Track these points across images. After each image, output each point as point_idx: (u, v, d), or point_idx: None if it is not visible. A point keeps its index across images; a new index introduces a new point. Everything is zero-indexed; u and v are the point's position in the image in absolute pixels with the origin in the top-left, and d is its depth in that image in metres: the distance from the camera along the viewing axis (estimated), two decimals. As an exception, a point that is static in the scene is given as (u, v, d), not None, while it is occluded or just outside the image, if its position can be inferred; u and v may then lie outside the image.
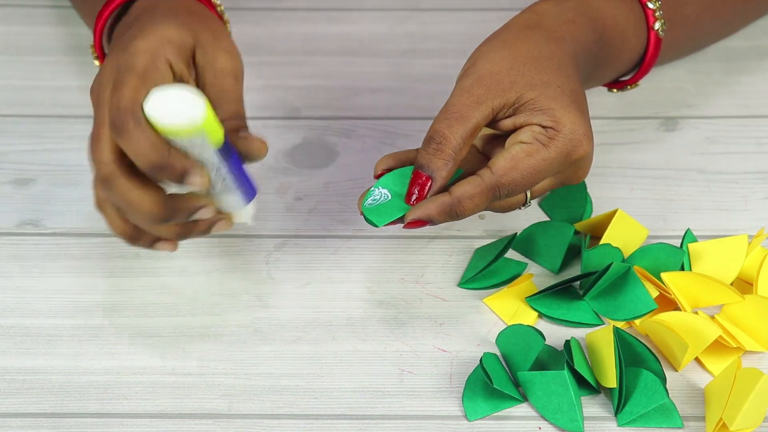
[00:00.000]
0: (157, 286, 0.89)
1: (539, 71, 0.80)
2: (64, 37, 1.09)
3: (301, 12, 1.11)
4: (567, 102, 0.80)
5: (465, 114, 0.79)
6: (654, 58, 0.90)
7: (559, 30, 0.83)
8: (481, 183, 0.79)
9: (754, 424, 0.79)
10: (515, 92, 0.79)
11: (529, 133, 0.79)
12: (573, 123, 0.79)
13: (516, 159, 0.79)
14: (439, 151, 0.79)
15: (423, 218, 0.79)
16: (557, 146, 0.79)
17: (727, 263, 0.87)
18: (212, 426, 0.81)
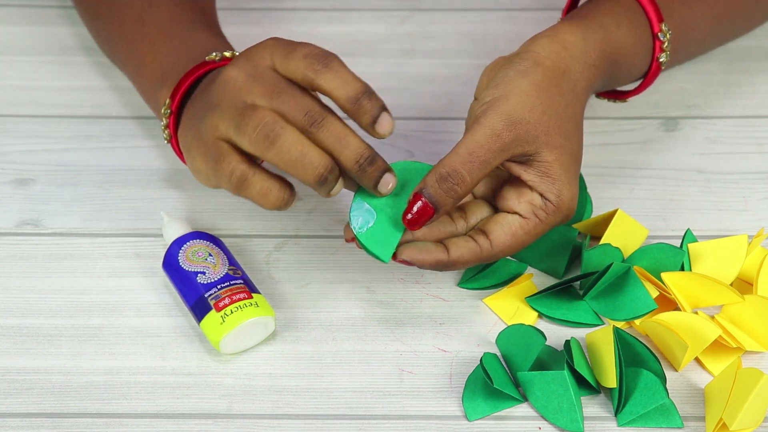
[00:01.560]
0: (157, 286, 0.89)
1: (561, 133, 0.82)
2: (65, 37, 1.09)
3: (301, 12, 1.11)
4: (572, 172, 0.82)
5: (489, 160, 0.80)
6: (650, 83, 0.92)
7: (581, 78, 0.84)
8: (479, 254, 0.81)
9: (754, 424, 0.79)
10: (535, 147, 0.81)
11: (529, 207, 0.82)
12: (571, 199, 0.82)
13: (515, 237, 0.81)
14: (453, 191, 0.79)
15: (415, 263, 0.81)
16: (553, 221, 0.82)
17: (727, 263, 0.87)
18: (212, 426, 0.81)
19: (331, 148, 0.78)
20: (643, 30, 0.89)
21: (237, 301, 0.83)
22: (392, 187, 0.80)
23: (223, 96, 0.79)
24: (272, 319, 0.84)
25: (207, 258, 0.86)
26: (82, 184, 0.96)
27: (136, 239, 0.92)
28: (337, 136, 0.78)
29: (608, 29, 0.87)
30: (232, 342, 0.83)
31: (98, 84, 1.05)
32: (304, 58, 0.78)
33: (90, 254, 0.91)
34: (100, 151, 0.99)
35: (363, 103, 0.78)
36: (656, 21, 0.89)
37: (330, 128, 0.78)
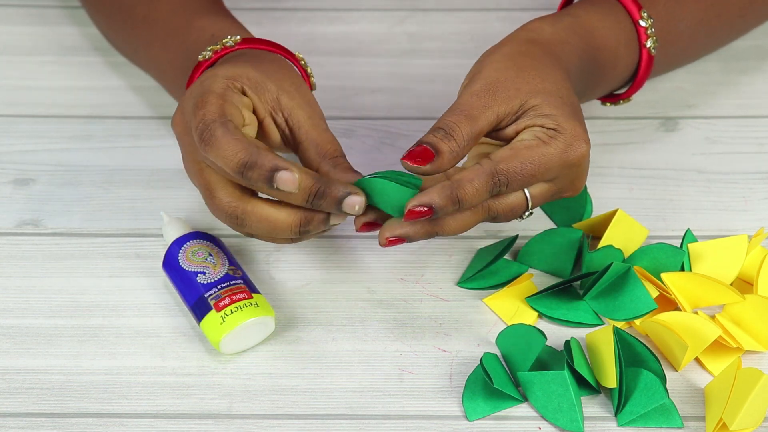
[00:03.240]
0: (157, 286, 0.89)
1: (543, 80, 0.81)
2: (65, 37, 1.09)
3: (301, 12, 1.11)
4: (568, 111, 0.81)
5: (474, 115, 0.79)
6: (646, 75, 0.91)
7: (555, 50, 0.85)
8: (480, 168, 0.78)
9: (754, 424, 0.79)
10: (519, 99, 0.80)
11: (530, 132, 0.80)
12: (573, 127, 0.80)
13: (515, 149, 0.79)
14: (446, 139, 0.78)
15: (426, 204, 0.77)
16: (557, 145, 0.80)
17: (727, 263, 0.87)
18: (212, 426, 0.81)
19: (279, 198, 0.78)
20: (622, 18, 0.89)
21: (237, 301, 0.83)
22: (359, 209, 0.78)
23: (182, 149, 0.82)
24: (272, 319, 0.84)
25: (207, 258, 0.86)
26: (82, 184, 0.96)
27: (136, 239, 0.92)
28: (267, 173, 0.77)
29: (577, 16, 0.87)
30: (232, 342, 0.83)
31: (98, 84, 1.05)
32: (194, 133, 0.78)
33: (90, 254, 0.91)
34: (100, 151, 0.99)
35: (249, 176, 0.77)
36: (635, 9, 0.89)
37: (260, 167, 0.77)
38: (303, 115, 0.83)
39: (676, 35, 0.92)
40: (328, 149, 0.82)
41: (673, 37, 0.91)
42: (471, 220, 0.80)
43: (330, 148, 0.82)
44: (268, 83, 0.82)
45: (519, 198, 0.81)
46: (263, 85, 0.82)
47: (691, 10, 0.92)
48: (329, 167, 0.81)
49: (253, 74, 0.82)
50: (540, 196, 0.82)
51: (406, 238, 0.79)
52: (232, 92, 0.80)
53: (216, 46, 0.86)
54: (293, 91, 0.83)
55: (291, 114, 0.83)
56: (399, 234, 0.79)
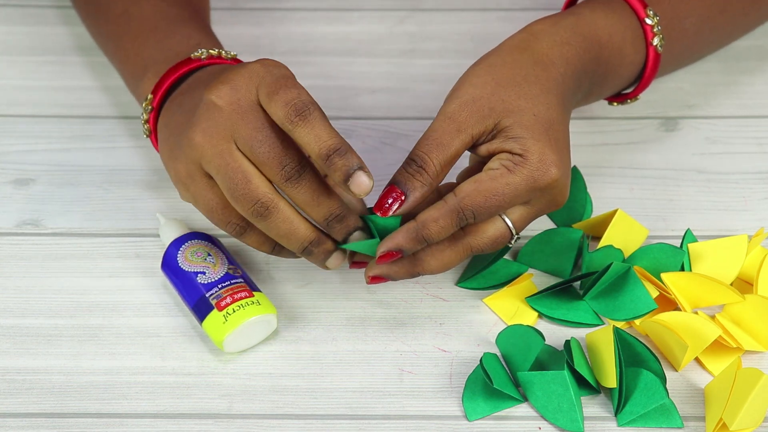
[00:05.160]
0: (157, 286, 0.89)
1: (518, 96, 0.81)
2: (65, 37, 1.09)
3: (300, 12, 1.11)
4: (539, 131, 0.80)
5: (445, 141, 0.79)
6: (653, 73, 0.90)
7: (550, 53, 0.84)
8: (444, 206, 0.79)
9: (754, 424, 0.79)
10: (493, 119, 0.80)
11: (497, 161, 0.80)
12: (541, 152, 0.80)
13: (479, 182, 0.79)
14: (418, 174, 0.79)
15: (392, 248, 0.79)
16: (522, 172, 0.79)
17: (727, 263, 0.87)
18: (212, 426, 0.81)
19: (302, 206, 0.79)
20: (627, 16, 0.88)
21: (239, 299, 0.83)
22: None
23: (207, 125, 0.79)
24: (274, 317, 0.84)
25: (206, 258, 0.86)
26: (82, 184, 0.96)
27: (136, 239, 0.92)
28: (309, 195, 0.79)
29: (581, 15, 0.87)
30: (235, 341, 0.83)
31: (98, 84, 1.05)
32: (284, 105, 0.77)
33: (90, 254, 0.91)
34: (100, 151, 0.99)
35: (334, 161, 0.77)
36: (640, 7, 0.88)
37: (303, 187, 0.78)
38: None
39: (681, 33, 0.91)
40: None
41: (679, 34, 0.91)
42: (452, 258, 0.82)
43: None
44: None
45: (498, 228, 0.82)
46: None
47: (696, 7, 0.92)
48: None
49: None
50: (521, 220, 0.82)
51: (388, 276, 0.81)
52: None
53: (213, 51, 0.86)
54: None
55: None
56: (380, 273, 0.81)
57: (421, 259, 0.81)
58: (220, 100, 0.79)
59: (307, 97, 0.78)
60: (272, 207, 0.79)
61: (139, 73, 0.90)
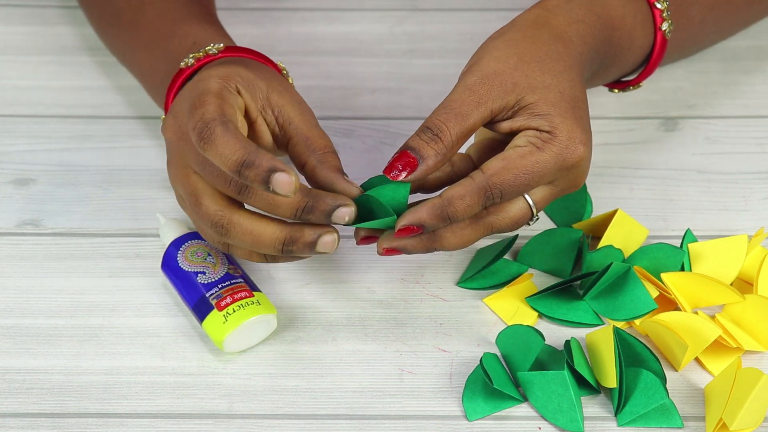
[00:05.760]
0: (157, 286, 0.89)
1: (543, 72, 0.79)
2: (65, 37, 1.09)
3: (300, 12, 1.11)
4: (566, 108, 0.79)
5: (464, 112, 0.78)
6: (659, 59, 0.89)
7: (567, 30, 0.83)
8: (471, 183, 0.77)
9: (754, 424, 0.79)
10: (516, 95, 0.79)
11: (524, 138, 0.79)
12: (570, 129, 0.78)
13: (508, 159, 0.78)
14: (433, 141, 0.77)
15: (414, 223, 0.77)
16: (551, 150, 0.78)
17: (727, 263, 0.87)
18: (212, 426, 0.81)
19: (267, 211, 0.78)
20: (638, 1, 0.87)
21: (239, 299, 0.83)
22: (349, 219, 0.77)
23: (168, 156, 0.82)
24: (274, 317, 0.84)
25: (206, 258, 0.86)
26: (82, 184, 0.96)
27: (136, 239, 0.92)
28: (265, 200, 0.77)
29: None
30: (235, 341, 0.83)
31: (98, 84, 1.05)
32: (192, 131, 0.77)
33: (90, 254, 0.91)
34: (100, 151, 0.99)
35: (246, 175, 0.75)
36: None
37: (257, 195, 0.77)
38: (293, 111, 0.82)
39: (687, 20, 0.90)
40: (318, 144, 0.81)
41: (685, 22, 0.90)
42: (472, 236, 0.80)
43: (320, 143, 0.81)
44: (259, 82, 0.82)
45: (521, 208, 0.80)
46: (254, 83, 0.82)
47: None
48: (316, 162, 0.80)
49: (245, 73, 0.82)
50: (543, 200, 0.81)
51: (403, 250, 0.79)
52: (228, 92, 0.80)
53: (198, 54, 0.85)
54: (282, 90, 0.83)
55: (282, 111, 0.82)
56: (396, 246, 0.79)
57: (440, 235, 0.79)
58: (167, 131, 0.82)
59: (210, 113, 0.77)
60: (226, 224, 0.79)
61: (158, 88, 0.90)
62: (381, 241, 0.79)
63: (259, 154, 0.75)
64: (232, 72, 0.81)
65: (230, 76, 0.81)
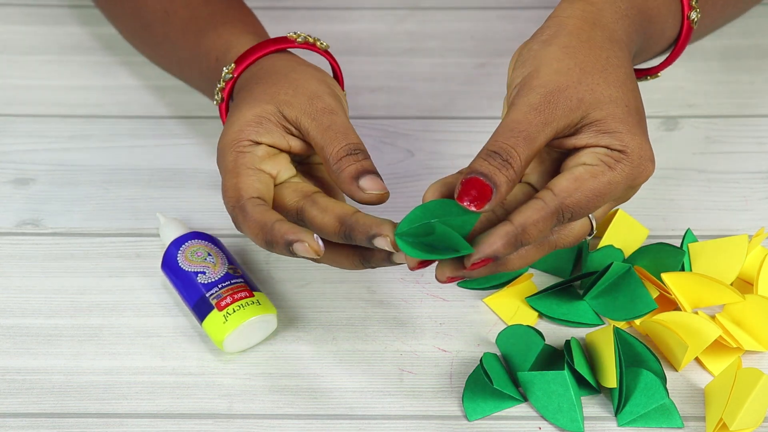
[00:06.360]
0: (157, 286, 0.89)
1: (608, 84, 0.75)
2: (64, 37, 1.09)
3: (300, 11, 1.11)
4: (634, 123, 0.75)
5: (532, 135, 0.73)
6: (683, 48, 0.85)
7: (616, 28, 0.78)
8: (544, 207, 0.73)
9: (754, 424, 0.79)
10: (582, 111, 0.74)
11: (593, 156, 0.74)
12: (640, 147, 0.74)
13: (580, 180, 0.73)
14: (504, 168, 0.72)
15: (490, 255, 0.72)
16: (624, 170, 0.74)
17: (727, 263, 0.87)
18: (212, 426, 0.81)
19: None
20: None
21: (239, 299, 0.83)
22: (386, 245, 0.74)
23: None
24: (274, 317, 0.84)
25: (206, 258, 0.86)
26: (82, 184, 0.96)
27: (136, 239, 0.92)
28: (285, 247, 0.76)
29: None
30: (235, 341, 0.83)
31: (98, 84, 1.05)
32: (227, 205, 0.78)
33: (90, 254, 0.91)
34: (100, 151, 0.99)
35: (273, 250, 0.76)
36: None
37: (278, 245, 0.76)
38: (306, 120, 0.80)
39: (712, 5, 0.86)
40: (330, 153, 0.78)
41: (710, 7, 0.86)
42: (536, 256, 0.76)
43: (332, 150, 0.78)
44: (266, 107, 0.80)
45: (584, 224, 0.77)
46: (263, 115, 0.80)
47: None
48: (336, 177, 0.78)
49: (249, 116, 0.80)
50: (602, 214, 0.78)
51: (468, 277, 0.75)
52: (244, 156, 0.79)
53: (221, 85, 0.85)
54: (291, 98, 0.80)
55: (299, 125, 0.80)
56: (461, 275, 0.74)
57: (506, 259, 0.75)
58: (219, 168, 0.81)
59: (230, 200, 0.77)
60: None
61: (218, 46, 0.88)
62: (444, 269, 0.74)
63: (273, 231, 0.75)
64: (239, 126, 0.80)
65: (239, 134, 0.79)
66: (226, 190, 0.79)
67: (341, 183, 0.77)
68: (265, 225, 0.76)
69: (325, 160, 0.78)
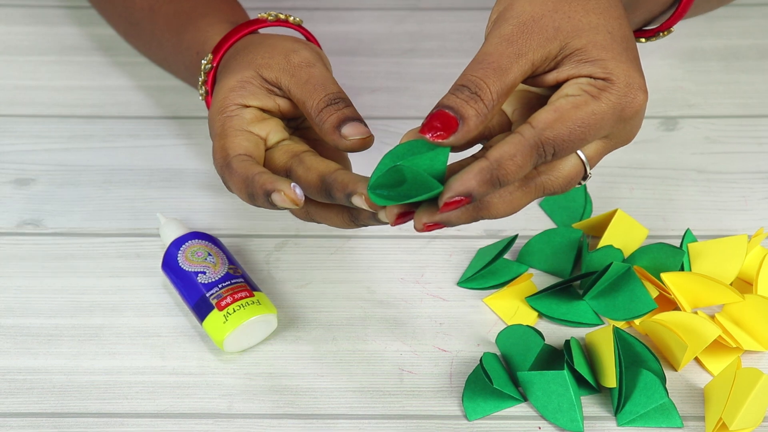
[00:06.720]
0: (157, 286, 0.89)
1: (587, 11, 0.70)
2: (64, 37, 1.09)
3: (300, 12, 1.11)
4: (619, 50, 0.70)
5: (503, 66, 0.68)
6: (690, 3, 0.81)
7: None
8: (521, 140, 0.68)
9: (753, 423, 0.79)
10: (560, 41, 0.70)
11: (576, 87, 0.70)
12: (627, 75, 0.69)
13: (561, 111, 0.68)
14: (472, 100, 0.68)
15: (463, 193, 0.67)
16: (610, 99, 0.69)
17: (727, 263, 0.87)
18: (212, 426, 0.81)
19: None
20: None
21: (239, 299, 0.83)
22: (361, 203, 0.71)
23: None
24: (274, 317, 0.84)
25: (206, 258, 0.86)
26: (82, 184, 0.96)
27: (137, 239, 0.92)
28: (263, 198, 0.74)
29: None
30: (235, 340, 0.83)
31: (98, 84, 1.05)
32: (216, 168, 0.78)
33: (90, 254, 0.91)
34: (101, 151, 0.99)
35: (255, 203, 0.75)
36: None
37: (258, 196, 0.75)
38: (286, 78, 0.78)
39: None
40: (311, 106, 0.76)
41: None
42: (522, 200, 0.71)
43: (313, 103, 0.76)
44: (245, 73, 0.79)
45: (575, 165, 0.72)
46: (243, 80, 0.79)
47: None
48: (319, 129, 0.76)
49: (231, 82, 0.79)
50: (597, 156, 0.73)
51: (447, 223, 0.69)
52: (231, 120, 0.78)
53: (202, 78, 0.85)
54: (268, 59, 0.79)
55: (280, 84, 0.79)
56: (439, 220, 0.69)
57: (487, 202, 0.70)
58: None
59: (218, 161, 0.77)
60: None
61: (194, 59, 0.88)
62: (420, 215, 0.69)
63: (254, 183, 0.74)
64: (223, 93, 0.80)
65: (224, 101, 0.79)
66: (214, 152, 0.78)
67: (325, 134, 0.75)
68: (247, 178, 0.75)
69: (308, 115, 0.76)
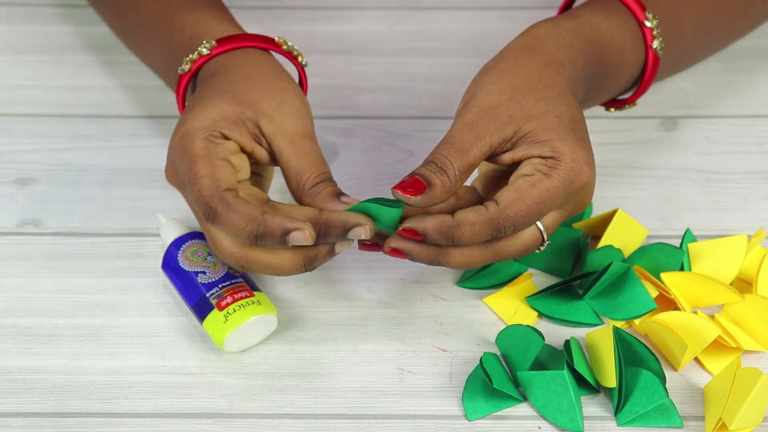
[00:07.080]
0: (157, 286, 0.89)
1: (537, 100, 0.80)
2: (65, 36, 1.09)
3: (300, 11, 1.11)
4: (565, 131, 0.79)
5: (465, 147, 0.78)
6: (652, 77, 0.89)
7: (557, 54, 0.83)
8: (484, 213, 0.78)
9: (753, 423, 0.79)
10: (513, 126, 0.79)
11: (530, 166, 0.79)
12: (572, 152, 0.79)
13: (520, 189, 0.78)
14: (439, 173, 0.78)
15: (418, 229, 0.78)
16: (559, 175, 0.78)
17: (727, 263, 0.87)
18: (212, 426, 0.81)
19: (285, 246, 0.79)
20: (627, 19, 0.87)
21: (239, 299, 0.83)
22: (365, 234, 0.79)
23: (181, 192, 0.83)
24: (275, 317, 0.84)
25: (207, 257, 0.86)
26: (82, 184, 0.96)
27: (137, 239, 0.92)
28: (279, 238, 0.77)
29: (582, 16, 0.86)
30: (235, 340, 0.83)
31: (98, 83, 1.05)
32: (197, 209, 0.79)
33: (91, 254, 0.91)
34: (101, 151, 0.99)
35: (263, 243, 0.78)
36: (639, 10, 0.88)
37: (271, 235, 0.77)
38: (283, 140, 0.82)
39: (679, 36, 0.91)
40: (307, 178, 0.81)
41: (676, 38, 0.90)
42: (479, 258, 0.80)
43: (309, 176, 0.81)
44: (246, 112, 0.82)
45: (532, 235, 0.80)
46: (241, 117, 0.81)
47: (692, 9, 0.92)
48: (310, 198, 0.81)
49: (229, 111, 0.81)
50: (552, 225, 0.81)
51: (409, 254, 0.80)
52: (215, 146, 0.80)
53: (193, 56, 0.85)
54: (273, 111, 0.82)
55: (272, 141, 0.82)
56: (402, 248, 0.80)
57: (447, 251, 0.80)
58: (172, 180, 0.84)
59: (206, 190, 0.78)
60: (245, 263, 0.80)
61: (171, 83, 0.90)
62: (390, 240, 0.80)
63: (267, 222, 0.77)
64: (214, 117, 0.81)
65: (213, 124, 0.80)
66: (200, 176, 0.79)
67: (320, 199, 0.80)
68: (255, 217, 0.77)
69: (298, 183, 0.81)
